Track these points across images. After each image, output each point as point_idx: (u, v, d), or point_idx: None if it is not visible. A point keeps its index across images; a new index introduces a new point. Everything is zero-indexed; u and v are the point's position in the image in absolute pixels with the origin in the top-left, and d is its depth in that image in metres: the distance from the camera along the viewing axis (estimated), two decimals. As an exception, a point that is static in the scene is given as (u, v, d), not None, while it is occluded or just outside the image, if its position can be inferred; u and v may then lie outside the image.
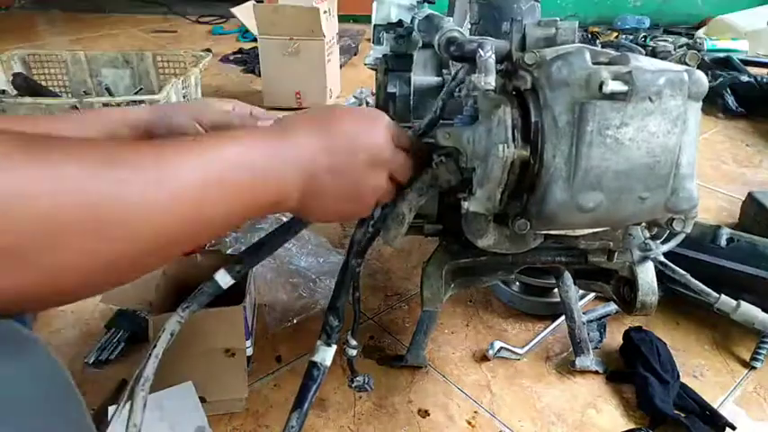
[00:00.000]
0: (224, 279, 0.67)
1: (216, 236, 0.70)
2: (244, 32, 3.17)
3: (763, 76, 2.16)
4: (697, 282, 0.70)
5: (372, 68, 1.04)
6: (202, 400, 0.90)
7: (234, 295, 0.86)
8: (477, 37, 0.64)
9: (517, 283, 1.17)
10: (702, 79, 0.54)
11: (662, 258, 0.73)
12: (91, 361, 1.04)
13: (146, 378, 0.60)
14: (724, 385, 1.02)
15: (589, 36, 2.58)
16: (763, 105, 2.15)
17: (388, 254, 1.38)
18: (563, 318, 1.08)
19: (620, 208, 0.57)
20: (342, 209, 0.58)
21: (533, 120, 0.57)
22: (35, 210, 0.34)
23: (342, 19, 2.45)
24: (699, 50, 0.62)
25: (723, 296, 0.68)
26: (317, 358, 0.71)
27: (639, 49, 0.67)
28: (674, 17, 3.42)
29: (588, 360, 1.03)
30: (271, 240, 0.71)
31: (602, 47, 0.69)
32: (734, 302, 0.68)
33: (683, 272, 0.71)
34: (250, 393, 0.96)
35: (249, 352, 0.99)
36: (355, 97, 2.14)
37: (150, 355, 0.61)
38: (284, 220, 1.34)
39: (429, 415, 0.96)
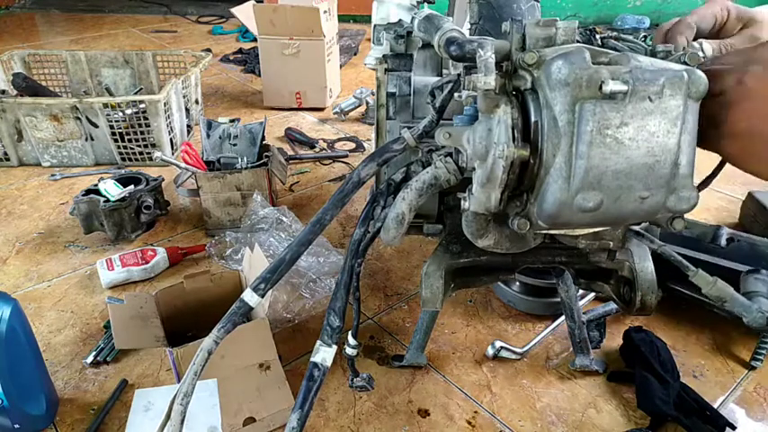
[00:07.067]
0: (252, 298, 0.68)
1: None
2: (244, 32, 3.17)
3: (763, 76, 2.16)
4: (674, 253, 0.70)
5: (372, 69, 1.04)
6: (251, 420, 0.89)
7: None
8: (477, 37, 0.64)
9: (517, 283, 1.17)
10: (702, 79, 0.54)
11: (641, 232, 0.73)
12: (89, 361, 1.04)
13: (185, 394, 0.62)
14: (724, 385, 1.02)
15: (587, 31, 2.55)
16: (763, 105, 2.15)
17: (388, 254, 1.38)
18: (563, 318, 1.08)
19: (619, 207, 0.57)
20: None
21: (533, 119, 0.57)
22: None
23: (342, 19, 2.45)
24: (698, 51, 0.61)
25: (700, 270, 0.68)
26: (317, 359, 0.71)
27: (640, 48, 0.66)
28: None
29: (588, 360, 1.03)
30: (289, 255, 0.71)
31: (604, 46, 0.69)
32: (711, 277, 0.68)
33: (661, 242, 0.71)
34: (250, 393, 0.96)
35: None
36: (355, 97, 2.13)
37: (189, 372, 0.63)
38: (284, 220, 1.35)
39: (429, 415, 0.96)
